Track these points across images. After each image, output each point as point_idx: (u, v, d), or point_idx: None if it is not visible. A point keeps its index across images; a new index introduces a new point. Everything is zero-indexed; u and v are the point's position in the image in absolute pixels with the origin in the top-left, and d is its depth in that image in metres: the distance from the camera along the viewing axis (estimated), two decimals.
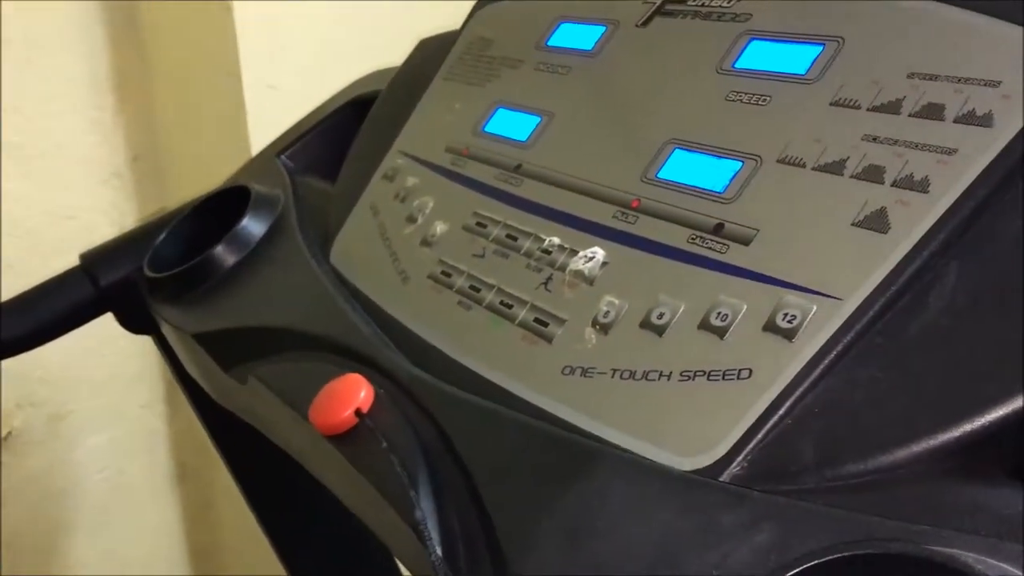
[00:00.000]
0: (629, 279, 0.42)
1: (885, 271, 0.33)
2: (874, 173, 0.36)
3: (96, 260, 0.67)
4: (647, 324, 0.39)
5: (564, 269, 0.44)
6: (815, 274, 0.35)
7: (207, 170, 0.78)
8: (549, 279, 0.45)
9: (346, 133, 0.70)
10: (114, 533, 1.12)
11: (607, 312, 0.41)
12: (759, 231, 0.38)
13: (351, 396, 0.43)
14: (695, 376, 0.36)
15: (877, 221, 0.35)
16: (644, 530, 0.32)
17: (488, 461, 0.38)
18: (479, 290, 0.48)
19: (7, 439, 1.02)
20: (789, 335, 0.35)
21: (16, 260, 0.97)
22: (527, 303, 0.45)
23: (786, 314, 0.35)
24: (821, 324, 0.34)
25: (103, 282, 0.66)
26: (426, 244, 0.52)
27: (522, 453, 0.38)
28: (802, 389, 0.33)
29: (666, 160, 0.44)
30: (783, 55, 0.42)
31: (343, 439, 0.43)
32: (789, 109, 0.40)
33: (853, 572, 0.27)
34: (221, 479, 1.18)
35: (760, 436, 0.33)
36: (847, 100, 0.38)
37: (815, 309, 0.34)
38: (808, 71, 0.41)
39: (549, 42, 0.56)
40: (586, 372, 0.40)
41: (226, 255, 0.61)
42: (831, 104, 0.39)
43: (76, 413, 1.07)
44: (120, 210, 1.06)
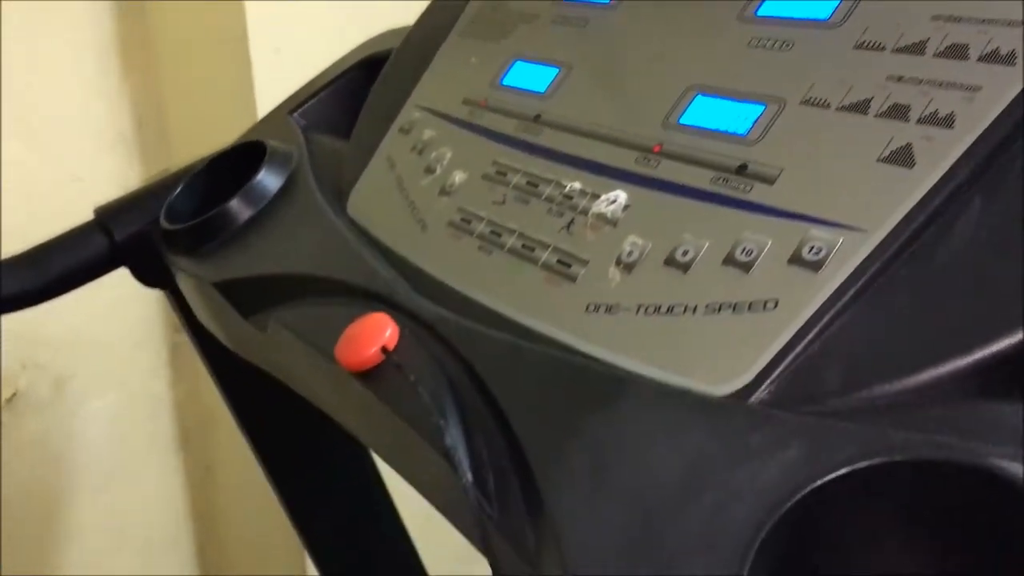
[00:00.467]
0: (652, 220, 0.42)
1: (911, 204, 0.34)
2: (899, 111, 0.36)
3: (111, 214, 0.68)
4: (671, 261, 0.40)
5: (586, 213, 0.45)
6: (840, 209, 0.36)
7: (213, 135, 0.78)
8: (571, 223, 0.46)
9: (358, 92, 0.70)
10: (115, 497, 1.12)
11: (631, 252, 0.42)
12: (783, 170, 0.39)
13: (377, 334, 0.44)
14: (720, 309, 0.37)
15: (902, 157, 0.35)
16: (672, 452, 0.33)
17: (516, 392, 0.39)
18: (500, 235, 0.48)
19: (11, 401, 1.02)
20: (815, 267, 0.35)
21: (20, 226, 0.97)
22: (549, 246, 0.45)
23: (812, 247, 0.36)
24: (847, 256, 0.35)
25: (118, 236, 0.67)
26: (445, 193, 0.53)
27: (550, 383, 0.39)
28: (828, 317, 0.34)
29: (688, 106, 0.45)
30: (807, 2, 0.43)
31: (369, 376, 0.44)
32: (813, 53, 0.41)
33: (880, 484, 0.28)
34: (223, 445, 1.19)
35: (786, 363, 0.34)
36: (871, 43, 0.39)
37: (841, 242, 0.35)
38: (831, 16, 0.42)
39: None
40: (610, 309, 0.41)
41: (242, 208, 0.61)
42: (855, 47, 0.40)
43: (79, 377, 1.07)
44: (125, 175, 1.06)
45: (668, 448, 0.33)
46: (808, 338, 0.34)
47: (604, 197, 0.45)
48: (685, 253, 0.40)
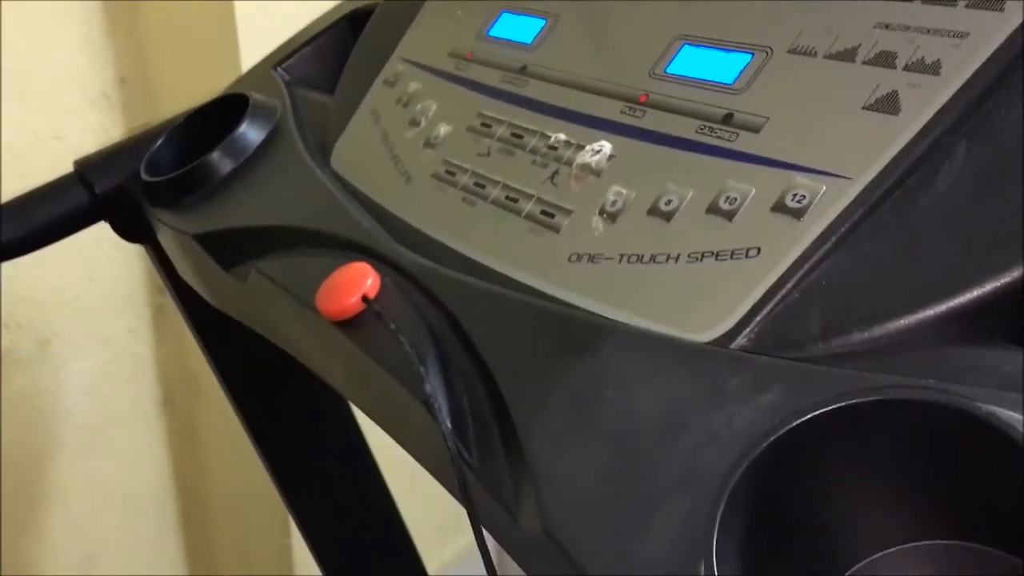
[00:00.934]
0: (636, 170, 0.42)
1: (895, 150, 0.34)
2: (886, 58, 0.36)
3: (91, 167, 0.67)
4: (655, 211, 0.40)
5: (570, 163, 0.45)
6: (825, 156, 0.36)
7: (197, 92, 0.77)
8: (555, 173, 0.45)
9: (343, 47, 0.69)
10: (99, 457, 1.12)
11: (614, 201, 0.42)
12: (769, 119, 0.39)
13: (357, 283, 0.44)
14: (703, 257, 0.37)
15: (888, 104, 0.35)
16: (651, 398, 0.33)
17: (497, 339, 0.39)
18: (484, 186, 0.48)
19: None
20: (798, 214, 0.35)
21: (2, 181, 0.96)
22: (533, 196, 0.45)
23: (795, 195, 0.36)
24: (830, 203, 0.35)
25: (98, 189, 0.66)
26: (429, 146, 0.52)
27: (531, 331, 0.38)
28: (809, 264, 0.34)
29: (674, 56, 0.44)
30: None
31: (350, 325, 0.43)
32: (800, 2, 0.41)
33: (857, 425, 0.28)
34: (206, 406, 1.18)
35: (767, 309, 0.34)
36: None
37: (824, 189, 0.35)
38: None
39: None
40: (593, 258, 0.41)
41: (224, 160, 0.60)
42: None
43: (62, 336, 1.06)
44: (108, 133, 1.05)
45: (647, 393, 0.33)
46: (789, 285, 0.34)
47: (589, 147, 0.44)
48: (669, 202, 0.40)
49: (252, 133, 0.61)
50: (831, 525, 0.29)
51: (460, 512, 0.37)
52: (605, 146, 0.44)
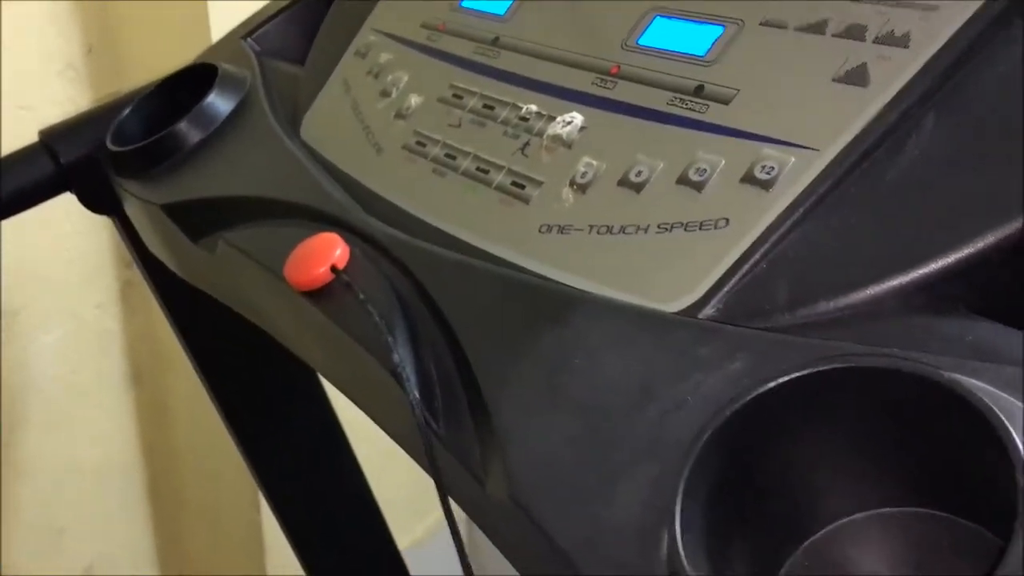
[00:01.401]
0: (607, 141, 0.42)
1: (864, 122, 0.34)
2: (856, 31, 0.36)
3: (56, 136, 0.66)
4: (625, 182, 0.40)
5: (542, 135, 0.45)
6: (794, 128, 0.36)
7: (166, 63, 0.76)
8: (526, 144, 0.45)
9: (314, 18, 0.68)
10: (67, 433, 1.11)
11: (585, 172, 0.42)
12: (739, 91, 0.39)
13: (326, 253, 0.44)
14: (672, 228, 0.37)
15: (857, 76, 0.35)
16: (619, 366, 0.33)
17: (466, 309, 0.39)
18: (455, 158, 0.48)
19: None
20: (766, 185, 0.35)
21: None
22: (504, 168, 0.45)
23: (764, 166, 0.36)
24: (798, 174, 0.35)
25: (64, 159, 0.65)
26: (400, 117, 0.52)
27: (501, 301, 0.38)
28: (778, 235, 0.34)
29: (646, 27, 0.44)
30: None
31: (318, 295, 0.43)
32: None
33: (824, 394, 0.28)
34: (175, 381, 1.17)
35: (735, 280, 0.34)
36: None
37: (793, 160, 0.35)
38: None
39: None
40: (563, 229, 0.41)
41: (192, 130, 0.60)
42: None
43: (29, 310, 1.05)
44: (75, 104, 1.03)
45: (615, 362, 0.33)
46: (757, 255, 0.34)
47: (560, 119, 0.44)
48: (639, 173, 0.40)
49: (221, 103, 0.61)
50: (796, 492, 0.29)
51: (432, 488, 0.37)
52: (576, 117, 0.44)
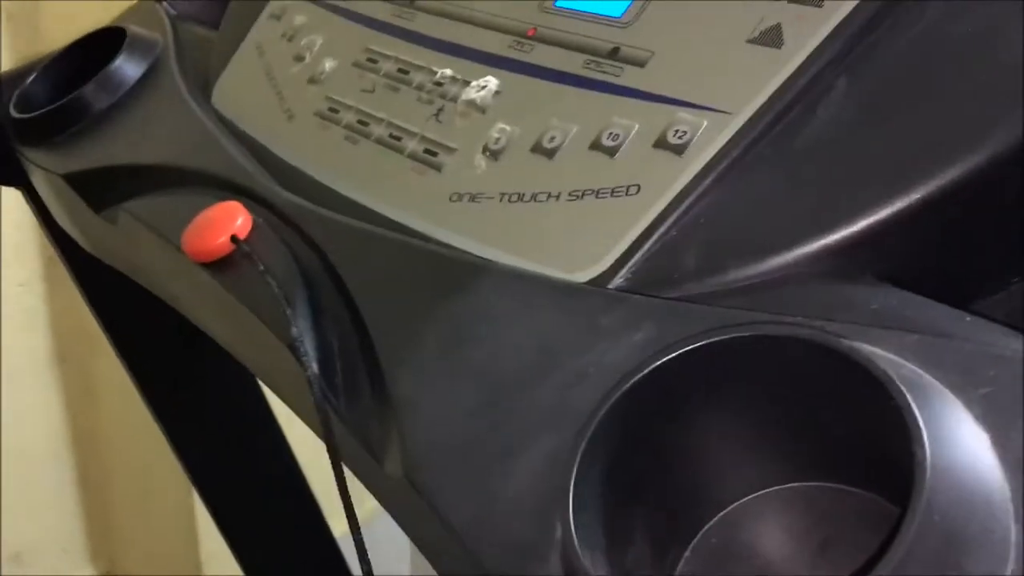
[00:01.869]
0: (522, 106, 0.40)
1: (776, 84, 0.33)
2: None
3: None
4: (538, 148, 0.38)
5: (456, 100, 0.43)
6: (708, 91, 0.35)
7: (86, 28, 0.73)
8: (440, 110, 0.43)
9: None
10: None
11: (498, 139, 0.40)
12: (654, 53, 0.37)
13: (227, 222, 0.41)
14: (584, 195, 0.36)
15: (772, 37, 0.34)
16: (520, 336, 0.32)
17: (369, 280, 0.37)
18: (367, 124, 0.46)
19: None
20: (679, 150, 0.34)
21: None
22: (417, 134, 0.43)
23: (677, 131, 0.34)
24: (710, 138, 0.33)
25: None
26: (314, 82, 0.50)
27: (404, 271, 0.37)
28: (688, 201, 0.33)
29: None
30: None
31: (218, 266, 0.41)
32: None
33: (726, 365, 0.27)
34: (104, 363, 1.14)
35: (644, 248, 0.33)
36: None
37: (705, 124, 0.34)
38: None
39: None
40: (474, 198, 0.39)
41: (98, 95, 0.57)
42: None
43: None
44: None
45: (516, 332, 0.32)
46: (667, 223, 0.33)
47: (475, 83, 0.43)
48: (552, 139, 0.38)
49: (129, 68, 0.58)
50: (698, 468, 0.28)
51: None
52: (491, 82, 0.42)
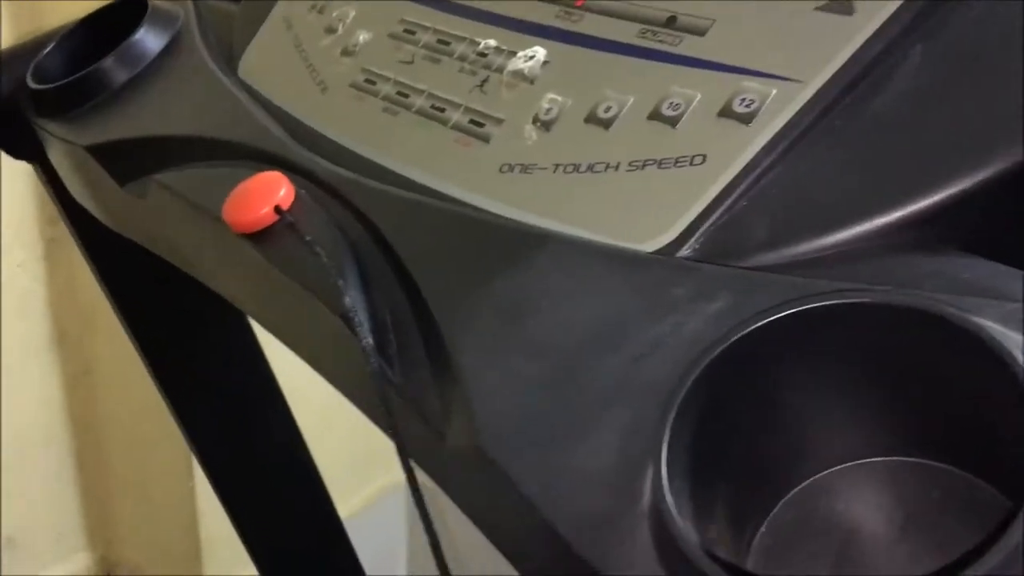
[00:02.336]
0: (573, 77, 0.40)
1: (849, 52, 0.32)
2: None
3: None
4: (592, 118, 0.37)
5: (502, 70, 0.42)
6: (775, 59, 0.34)
7: (89, 6, 0.71)
8: (485, 81, 0.42)
9: None
10: None
11: (549, 109, 0.39)
12: (715, 21, 0.36)
13: (269, 193, 0.40)
14: (644, 165, 0.35)
15: (841, 4, 0.33)
16: (590, 307, 0.31)
17: (422, 250, 0.36)
18: (407, 96, 0.45)
19: None
20: (746, 119, 0.33)
21: None
22: (461, 105, 0.42)
23: (743, 99, 0.34)
24: (780, 107, 0.33)
25: None
26: (347, 54, 0.49)
27: (460, 241, 0.36)
28: (758, 171, 0.32)
29: None
30: None
31: (260, 237, 0.40)
32: None
33: (817, 334, 0.26)
34: (102, 345, 1.12)
35: (713, 218, 0.32)
36: None
37: (774, 93, 0.33)
38: None
39: None
40: (526, 168, 0.38)
41: (119, 68, 0.55)
42: None
43: None
44: None
45: (585, 303, 0.31)
46: (736, 193, 0.32)
47: (521, 54, 0.42)
48: (608, 109, 0.37)
49: (151, 40, 0.57)
50: (783, 438, 0.27)
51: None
52: (539, 52, 0.41)
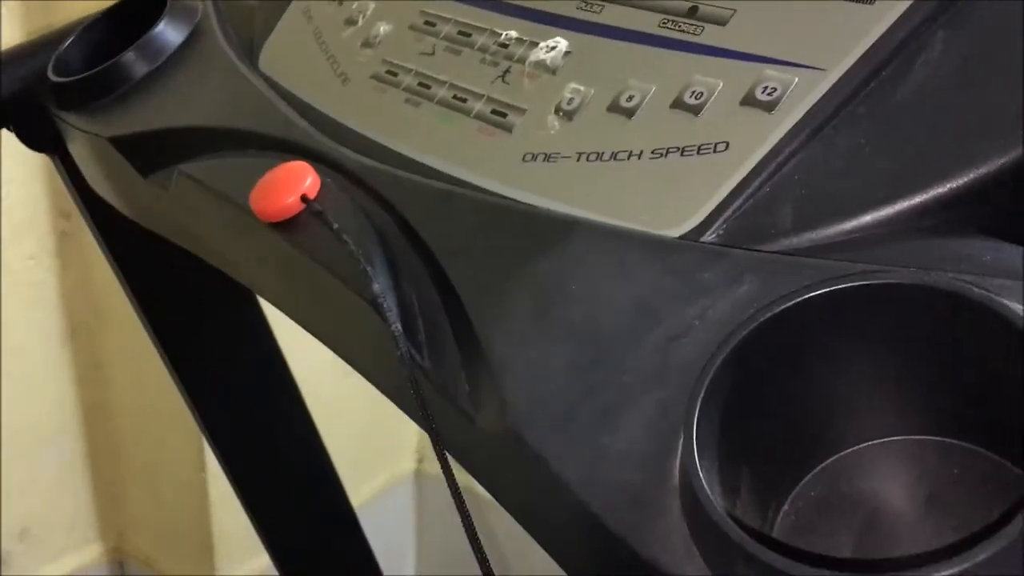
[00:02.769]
0: (595, 67, 0.40)
1: (871, 40, 0.33)
2: None
3: None
4: (615, 107, 0.38)
5: (523, 61, 0.43)
6: (797, 47, 0.34)
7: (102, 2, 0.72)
8: (507, 72, 0.43)
9: None
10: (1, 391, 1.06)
11: (571, 99, 0.40)
12: (736, 11, 0.37)
13: (296, 182, 0.41)
14: (668, 153, 0.36)
15: None
16: (619, 291, 0.32)
17: (450, 238, 0.37)
18: (429, 87, 0.45)
19: None
20: (769, 107, 0.34)
21: None
22: (483, 96, 0.43)
23: (766, 87, 0.34)
24: (803, 95, 0.33)
25: (2, 92, 0.61)
26: (368, 45, 0.49)
27: (487, 228, 0.36)
28: (781, 157, 0.33)
29: None
30: None
31: (287, 226, 0.41)
32: None
33: (843, 315, 0.27)
34: (113, 338, 1.13)
35: (737, 204, 0.33)
36: None
37: (796, 81, 0.34)
38: None
39: None
40: (549, 157, 0.39)
41: (140, 61, 0.56)
42: None
43: None
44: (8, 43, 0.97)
45: (614, 286, 0.32)
46: (760, 179, 0.33)
47: (543, 44, 0.42)
48: (630, 98, 0.38)
49: (171, 33, 0.57)
50: (808, 417, 0.28)
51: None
52: (560, 42, 0.42)
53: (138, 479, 1.21)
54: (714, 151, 0.34)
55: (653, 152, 0.36)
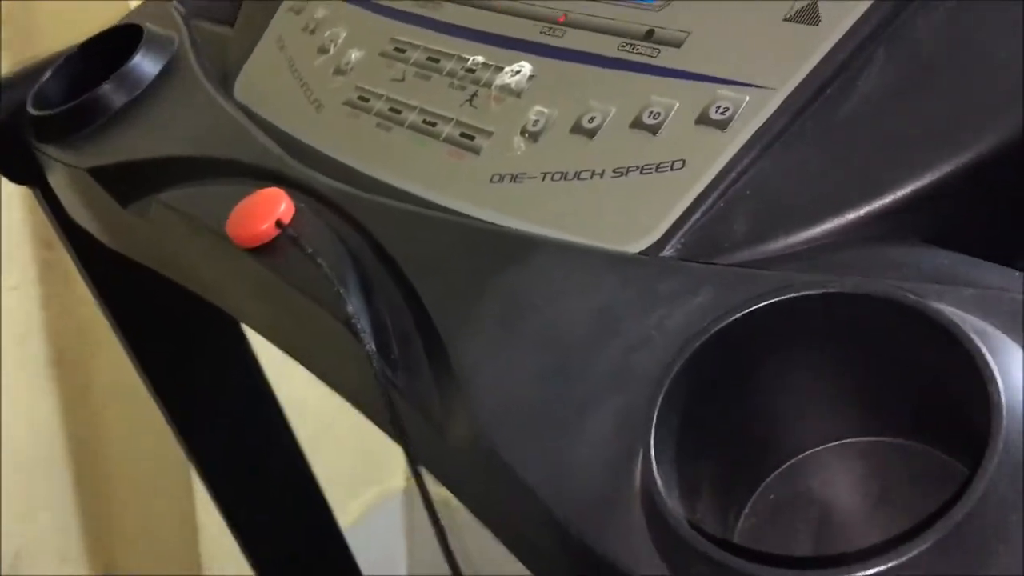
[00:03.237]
0: (558, 89, 0.42)
1: (816, 59, 0.34)
2: None
3: None
4: (578, 128, 0.39)
5: (490, 85, 0.44)
6: (748, 68, 0.36)
7: (84, 32, 0.73)
8: (474, 96, 0.44)
9: None
10: None
11: (536, 121, 0.41)
12: (690, 34, 0.39)
13: (270, 208, 0.42)
14: (628, 172, 0.37)
15: (808, 15, 0.35)
16: (581, 304, 0.33)
17: (420, 257, 0.38)
18: (400, 112, 0.47)
19: None
20: (722, 125, 0.35)
21: None
22: (452, 119, 0.44)
23: (719, 107, 0.36)
24: (753, 113, 0.35)
25: None
26: (340, 72, 0.51)
27: (455, 248, 0.38)
28: (735, 173, 0.34)
29: None
30: None
31: (263, 251, 0.42)
32: None
33: (793, 323, 0.28)
34: (100, 367, 1.13)
35: (694, 219, 0.34)
36: None
37: (747, 100, 0.35)
38: None
39: None
40: (516, 178, 0.40)
41: (118, 92, 0.57)
42: None
43: None
44: None
45: (576, 300, 0.33)
46: (715, 194, 0.34)
47: (508, 69, 0.44)
48: (592, 119, 0.39)
49: (147, 64, 0.58)
50: (764, 423, 0.29)
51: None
52: (525, 67, 0.43)
53: (127, 506, 1.21)
54: (671, 169, 0.36)
55: (614, 171, 0.37)
